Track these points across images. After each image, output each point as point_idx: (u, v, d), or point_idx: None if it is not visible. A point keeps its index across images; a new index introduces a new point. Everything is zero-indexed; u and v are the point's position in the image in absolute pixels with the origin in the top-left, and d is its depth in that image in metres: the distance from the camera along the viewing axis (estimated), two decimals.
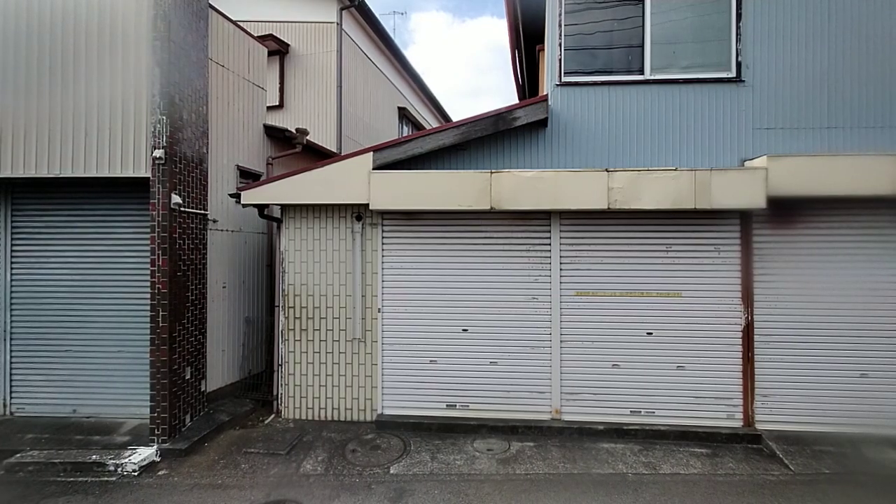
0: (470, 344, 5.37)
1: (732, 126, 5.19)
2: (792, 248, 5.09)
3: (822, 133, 5.09)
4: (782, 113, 5.13)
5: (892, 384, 4.98)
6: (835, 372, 5.03)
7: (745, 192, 4.74)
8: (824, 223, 5.06)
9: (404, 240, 5.46)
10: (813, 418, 5.04)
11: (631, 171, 4.85)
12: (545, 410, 5.28)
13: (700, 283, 5.16)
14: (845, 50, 5.06)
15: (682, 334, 5.16)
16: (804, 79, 5.10)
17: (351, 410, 5.49)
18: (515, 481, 4.25)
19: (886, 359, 4.99)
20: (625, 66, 5.33)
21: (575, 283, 5.27)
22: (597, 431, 5.08)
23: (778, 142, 5.13)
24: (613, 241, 5.24)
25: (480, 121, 5.14)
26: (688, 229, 5.17)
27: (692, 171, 4.78)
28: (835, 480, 4.24)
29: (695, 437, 4.98)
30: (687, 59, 5.28)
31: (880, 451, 4.70)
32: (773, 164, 4.78)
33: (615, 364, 5.22)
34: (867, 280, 5.01)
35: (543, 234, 5.30)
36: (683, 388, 5.15)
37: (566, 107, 5.35)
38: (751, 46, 5.15)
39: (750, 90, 5.16)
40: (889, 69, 5.02)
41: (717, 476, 4.34)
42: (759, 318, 5.10)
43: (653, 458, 4.66)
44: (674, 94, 5.24)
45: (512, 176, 4.94)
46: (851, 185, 4.70)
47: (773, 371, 5.09)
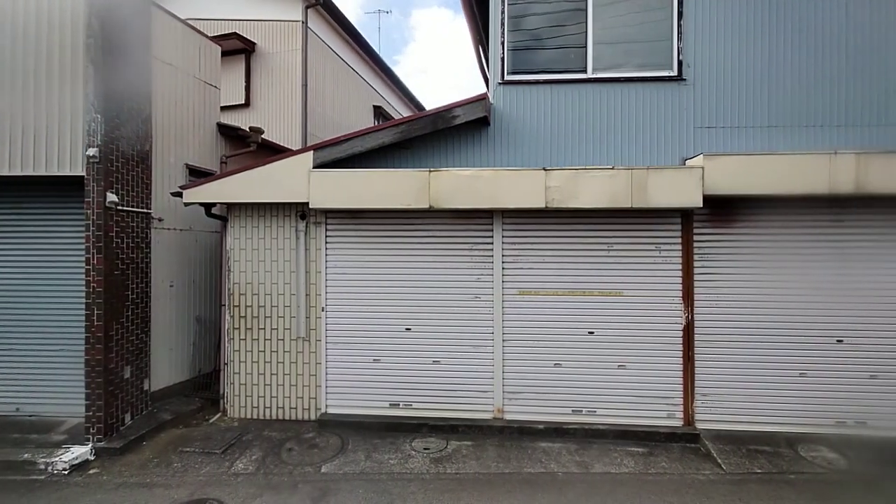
0: (413, 343, 5.36)
1: (674, 125, 5.17)
2: (732, 246, 5.08)
3: (764, 132, 5.07)
4: (724, 111, 5.12)
5: (829, 383, 4.97)
6: (774, 371, 5.02)
7: (682, 190, 4.73)
8: (764, 222, 5.05)
9: (348, 239, 5.45)
10: (753, 417, 5.03)
11: (568, 170, 4.83)
12: (487, 409, 5.27)
13: (641, 282, 5.15)
14: (787, 49, 5.04)
15: (624, 333, 5.15)
16: (746, 78, 5.09)
17: (295, 409, 5.48)
18: (444, 480, 4.24)
19: (824, 358, 4.97)
20: (568, 65, 5.32)
21: (517, 282, 5.26)
22: (537, 431, 5.08)
23: (720, 140, 5.12)
24: (556, 239, 5.23)
25: (419, 119, 5.13)
26: (629, 228, 5.16)
27: (629, 170, 4.77)
28: (765, 480, 4.23)
29: (634, 436, 4.98)
30: (629, 58, 5.27)
31: (816, 451, 4.69)
32: (709, 163, 4.76)
33: (557, 363, 5.22)
34: (806, 279, 4.99)
35: (486, 232, 5.29)
36: (625, 387, 5.15)
37: (509, 105, 5.33)
38: (692, 45, 5.13)
39: (691, 89, 5.14)
40: (830, 68, 5.00)
41: (647, 475, 4.34)
42: (699, 316, 5.09)
43: (587, 457, 4.65)
44: (616, 93, 5.22)
45: (450, 175, 4.93)
46: (788, 184, 4.68)
47: (713, 370, 5.08)
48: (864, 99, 4.97)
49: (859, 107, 4.97)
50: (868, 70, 4.96)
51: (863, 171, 4.61)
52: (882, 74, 4.94)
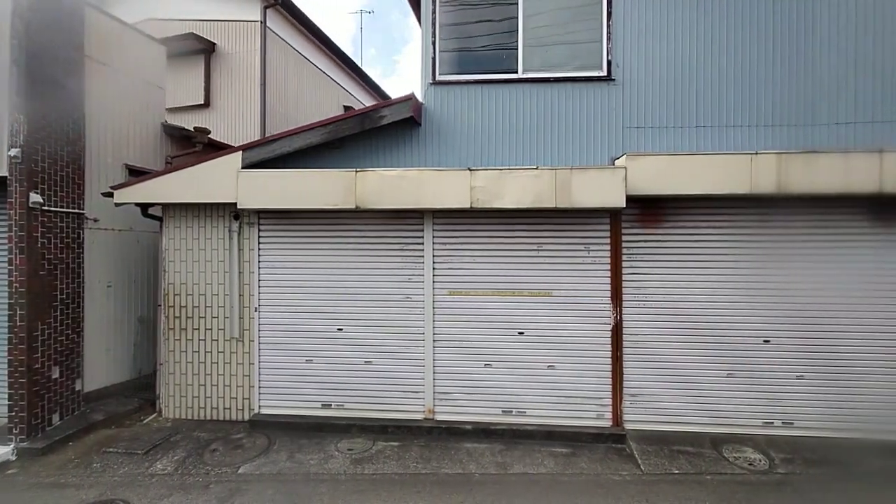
0: (345, 343, 5.36)
1: (604, 125, 5.16)
2: (660, 247, 5.07)
3: (692, 132, 5.06)
4: (653, 111, 5.11)
5: (756, 383, 4.96)
6: (702, 371, 5.01)
7: (605, 191, 4.72)
8: (691, 222, 5.04)
9: (281, 239, 5.44)
10: (681, 418, 5.02)
11: (493, 171, 4.83)
12: (418, 410, 5.27)
13: (571, 282, 5.14)
14: (714, 50, 5.03)
15: (554, 333, 5.15)
16: (674, 78, 5.08)
17: (229, 410, 5.48)
18: (358, 481, 4.23)
19: (752, 358, 4.96)
20: (499, 65, 5.31)
21: (448, 282, 5.26)
22: (465, 431, 5.07)
23: (649, 140, 5.11)
24: (486, 240, 5.22)
25: (347, 120, 5.12)
26: (559, 228, 5.15)
27: (553, 170, 4.76)
28: (680, 481, 4.22)
29: (561, 436, 4.97)
30: (560, 58, 5.26)
31: (740, 451, 4.68)
32: (632, 163, 4.76)
33: (487, 364, 5.21)
34: (733, 279, 4.98)
35: (417, 233, 5.28)
36: (554, 387, 5.14)
37: (441, 105, 5.33)
38: (621, 46, 5.12)
39: (620, 89, 5.14)
40: (758, 69, 4.99)
41: (563, 476, 4.32)
42: (627, 317, 5.08)
43: (510, 458, 4.64)
44: (547, 93, 5.22)
45: (376, 175, 4.93)
46: (710, 185, 4.67)
47: (641, 370, 5.07)
48: (793, 99, 4.95)
49: (788, 107, 4.96)
50: (796, 70, 4.94)
51: (784, 172, 4.60)
52: (810, 74, 4.93)
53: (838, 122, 4.89)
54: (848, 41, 4.87)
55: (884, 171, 4.52)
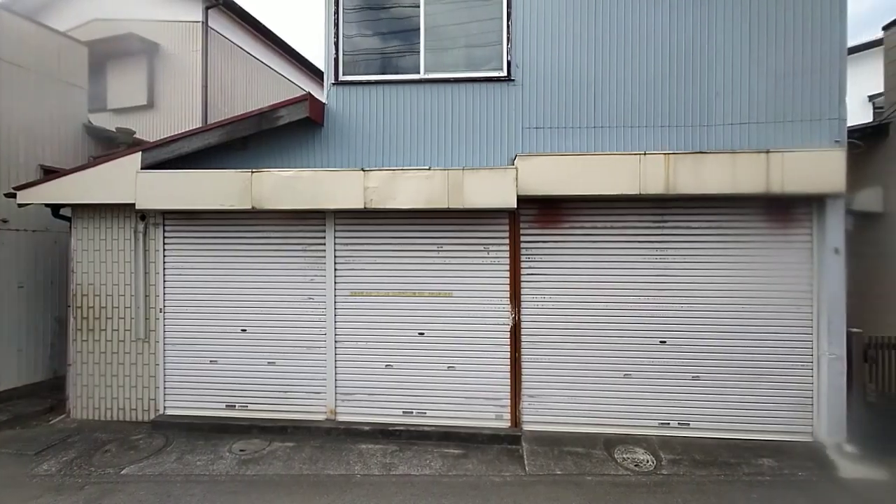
0: (249, 344, 5.35)
1: (504, 125, 5.15)
2: (559, 247, 5.06)
3: (590, 132, 5.05)
4: (551, 112, 5.09)
5: (653, 384, 4.95)
6: (600, 372, 5.00)
7: (497, 191, 4.71)
8: (589, 223, 5.03)
9: (186, 240, 5.44)
10: (578, 419, 5.01)
11: (386, 171, 4.83)
12: (321, 411, 5.26)
13: (470, 283, 5.13)
14: (613, 51, 5.01)
15: (453, 334, 5.14)
16: (573, 79, 5.06)
17: (136, 410, 5.47)
18: (235, 483, 4.22)
19: (648, 359, 4.95)
20: (401, 66, 5.30)
21: (350, 283, 5.25)
22: (363, 432, 5.06)
23: (547, 141, 5.10)
24: (388, 240, 5.22)
25: (244, 120, 5.11)
26: (459, 229, 5.14)
27: (445, 171, 4.75)
28: (558, 482, 4.22)
29: (457, 437, 4.95)
30: (461, 59, 5.25)
31: (631, 452, 4.67)
32: (523, 164, 4.75)
33: (388, 364, 5.20)
34: (629, 279, 4.98)
35: (318, 233, 5.28)
36: (454, 388, 5.13)
37: (343, 106, 5.31)
38: (520, 47, 5.11)
39: (520, 89, 5.12)
40: (654, 70, 4.97)
41: (444, 478, 4.31)
42: (525, 318, 5.07)
43: (399, 459, 4.63)
44: (448, 93, 5.21)
45: (272, 176, 4.92)
46: (600, 185, 4.68)
47: (540, 371, 5.06)
48: (688, 100, 4.94)
49: (683, 107, 4.94)
50: (691, 71, 4.93)
51: (672, 172, 4.60)
52: (704, 75, 4.91)
53: (732, 123, 4.87)
54: (742, 45, 4.86)
55: (770, 172, 4.51)
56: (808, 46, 4.77)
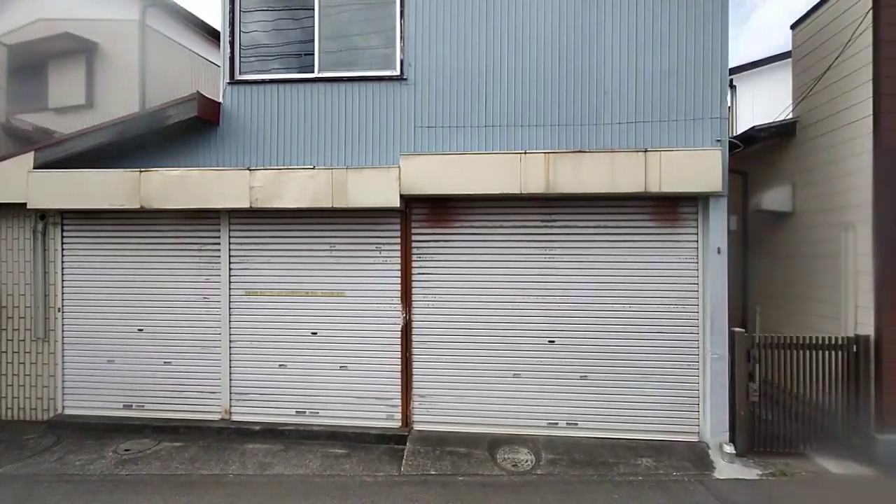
0: (146, 344, 5.34)
1: (397, 124, 5.13)
2: (449, 247, 5.05)
3: (482, 131, 5.03)
4: (444, 111, 5.07)
5: (542, 384, 4.94)
6: (489, 372, 4.99)
7: (380, 190, 4.71)
8: (479, 222, 5.02)
9: (84, 239, 5.43)
10: (468, 419, 5.00)
11: (271, 170, 4.82)
12: (216, 411, 5.25)
13: (363, 283, 5.12)
14: (505, 51, 4.99)
15: (346, 334, 5.13)
16: (465, 78, 5.04)
17: (35, 410, 5.47)
18: (105, 482, 4.22)
19: (537, 359, 4.94)
20: (296, 65, 5.29)
21: (245, 283, 5.24)
22: (253, 432, 5.06)
23: (440, 140, 5.08)
24: (281, 239, 5.21)
25: (135, 119, 5.11)
26: (351, 228, 5.13)
27: (329, 170, 4.75)
28: (429, 482, 4.21)
29: (344, 437, 4.95)
30: (356, 58, 5.24)
31: (514, 453, 4.66)
32: (406, 163, 4.74)
33: (282, 364, 5.19)
34: (518, 279, 4.96)
35: (214, 233, 5.27)
36: (347, 388, 5.12)
37: (239, 105, 5.30)
38: (413, 46, 5.09)
39: (413, 88, 5.10)
40: (546, 69, 4.95)
41: (317, 478, 4.30)
42: (416, 317, 5.06)
43: (280, 458, 4.62)
44: (342, 93, 5.19)
45: (160, 175, 4.91)
46: (482, 184, 4.66)
47: (430, 371, 5.05)
48: (578, 99, 4.92)
49: (573, 106, 4.92)
50: (581, 70, 4.91)
51: (553, 171, 4.58)
52: (594, 74, 4.89)
53: (620, 122, 4.85)
54: (629, 44, 4.84)
55: (648, 171, 4.50)
56: (692, 47, 4.75)
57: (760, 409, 4.71)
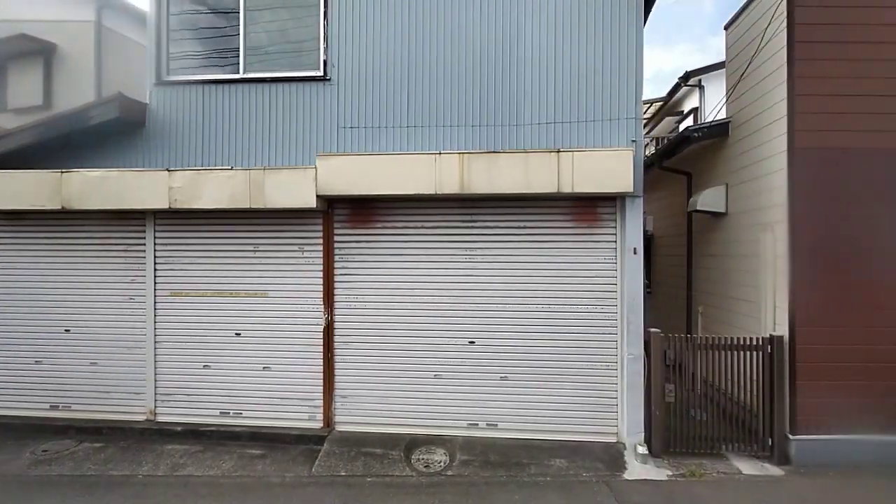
0: (72, 344, 5.34)
1: (321, 125, 5.13)
2: (370, 247, 5.05)
3: (404, 132, 5.03)
4: (367, 111, 5.07)
5: (462, 385, 4.93)
6: (411, 372, 4.99)
7: (297, 191, 4.71)
8: (400, 223, 5.01)
9: (10, 240, 5.42)
10: (389, 419, 4.99)
11: (190, 171, 4.82)
12: (141, 412, 5.25)
13: (285, 284, 5.12)
14: (426, 51, 4.99)
15: (269, 335, 5.12)
16: (388, 78, 5.04)
17: None
18: (12, 483, 4.21)
19: (458, 359, 4.94)
20: (222, 66, 5.29)
21: (170, 284, 5.24)
22: (176, 433, 5.05)
23: (363, 140, 5.07)
24: (206, 240, 5.20)
25: (57, 120, 5.11)
26: (274, 229, 5.13)
27: (247, 171, 4.75)
28: (336, 483, 4.20)
29: (265, 438, 4.94)
30: (280, 58, 5.24)
31: (430, 453, 4.65)
32: (323, 163, 4.74)
33: (206, 365, 5.19)
34: (439, 279, 4.96)
35: (139, 233, 5.27)
36: (270, 389, 5.11)
37: (165, 106, 5.29)
38: (336, 46, 5.09)
39: (336, 89, 5.11)
40: (465, 70, 4.95)
41: (225, 479, 4.29)
42: (338, 318, 5.06)
43: (194, 459, 4.61)
44: (267, 93, 5.18)
45: (80, 175, 4.92)
46: (397, 184, 4.66)
47: (352, 372, 5.05)
48: (500, 99, 4.92)
49: (495, 107, 4.92)
50: (502, 71, 4.91)
51: (467, 172, 4.58)
52: (514, 75, 4.89)
53: (540, 122, 4.85)
54: (549, 45, 4.84)
55: (561, 172, 4.50)
56: (608, 48, 4.75)
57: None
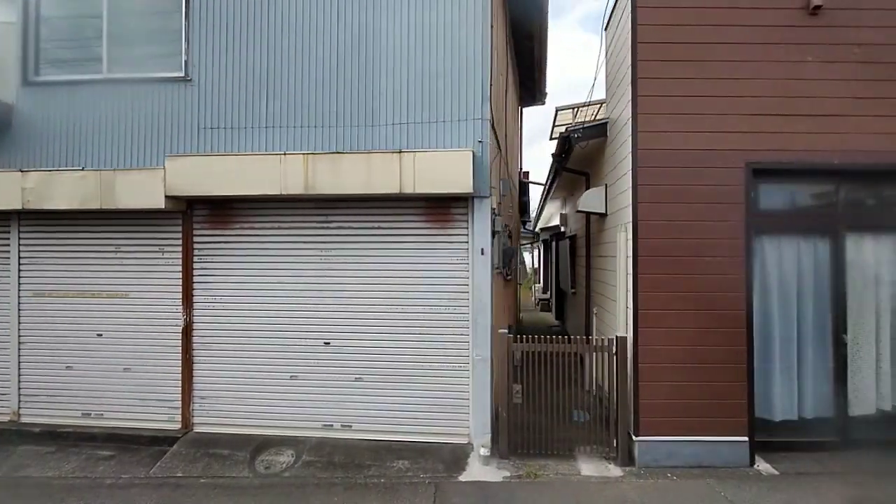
0: None
1: (183, 125, 5.12)
2: (229, 248, 5.05)
3: (263, 132, 5.02)
4: (228, 112, 5.07)
5: (318, 386, 4.93)
6: (268, 373, 4.98)
7: (146, 192, 4.73)
8: (258, 223, 5.02)
9: None
10: (247, 420, 4.99)
11: (42, 172, 4.84)
12: (5, 412, 5.25)
13: (146, 285, 5.12)
14: (284, 52, 4.97)
15: (130, 336, 5.13)
16: (248, 79, 5.03)
17: None
18: None
19: (313, 360, 4.93)
20: (87, 66, 5.29)
21: (34, 284, 5.24)
22: (34, 434, 5.05)
23: (224, 141, 5.06)
24: (69, 241, 5.21)
25: None
26: (135, 230, 5.13)
27: (98, 172, 4.77)
28: (166, 484, 4.20)
29: (120, 439, 4.93)
30: (143, 58, 5.24)
31: (278, 454, 4.64)
32: (171, 165, 4.75)
33: (69, 366, 5.19)
34: (295, 280, 4.96)
35: (4, 233, 5.27)
36: (131, 390, 5.11)
37: (32, 106, 5.28)
38: (198, 47, 5.09)
39: (197, 89, 5.11)
40: (324, 70, 4.94)
41: (58, 480, 4.30)
42: (198, 319, 5.06)
43: (42, 461, 4.62)
44: (130, 93, 5.18)
45: None
46: (245, 185, 4.67)
47: (211, 373, 5.04)
48: (355, 100, 4.91)
49: (351, 107, 4.92)
50: (358, 71, 4.91)
51: (311, 172, 4.58)
52: (370, 75, 4.89)
53: (395, 123, 4.85)
54: (402, 46, 4.84)
55: (403, 172, 4.50)
56: (458, 50, 4.75)
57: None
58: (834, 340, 4.64)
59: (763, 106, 4.48)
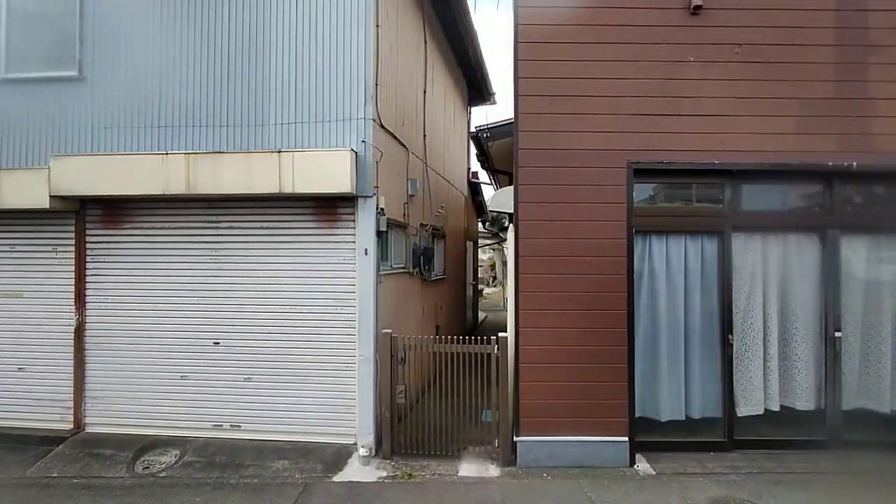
0: None
1: (78, 125, 5.10)
2: (121, 248, 5.04)
3: (156, 131, 5.01)
4: (122, 112, 5.04)
5: (208, 386, 4.92)
6: (159, 373, 4.97)
7: (32, 191, 4.71)
8: (150, 223, 5.01)
9: None
10: (139, 420, 4.97)
11: None
12: None
13: (40, 284, 5.11)
14: (179, 53, 4.96)
15: (24, 336, 5.11)
16: (141, 78, 5.02)
17: None
18: None
19: (203, 360, 4.92)
20: None
21: None
22: None
23: (118, 141, 5.04)
24: None
25: None
26: (30, 229, 5.13)
27: None
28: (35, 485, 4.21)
29: (10, 439, 4.93)
30: (42, 58, 5.21)
31: (163, 455, 4.63)
32: (56, 164, 4.74)
33: None
34: (186, 280, 4.95)
35: None
36: (24, 390, 5.10)
37: None
38: (92, 46, 5.07)
39: (92, 88, 5.09)
40: (218, 70, 4.93)
41: None
42: (90, 319, 5.05)
43: None
44: (27, 94, 5.17)
45: None
46: (131, 185, 4.67)
47: (102, 373, 5.03)
48: (249, 99, 4.90)
49: (242, 107, 4.90)
50: (251, 72, 4.89)
51: (193, 172, 4.57)
52: (261, 75, 4.88)
53: (284, 122, 4.84)
54: (291, 45, 4.83)
55: (282, 172, 4.49)
56: (343, 51, 4.75)
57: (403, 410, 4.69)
58: (721, 341, 4.63)
59: (645, 106, 4.47)
